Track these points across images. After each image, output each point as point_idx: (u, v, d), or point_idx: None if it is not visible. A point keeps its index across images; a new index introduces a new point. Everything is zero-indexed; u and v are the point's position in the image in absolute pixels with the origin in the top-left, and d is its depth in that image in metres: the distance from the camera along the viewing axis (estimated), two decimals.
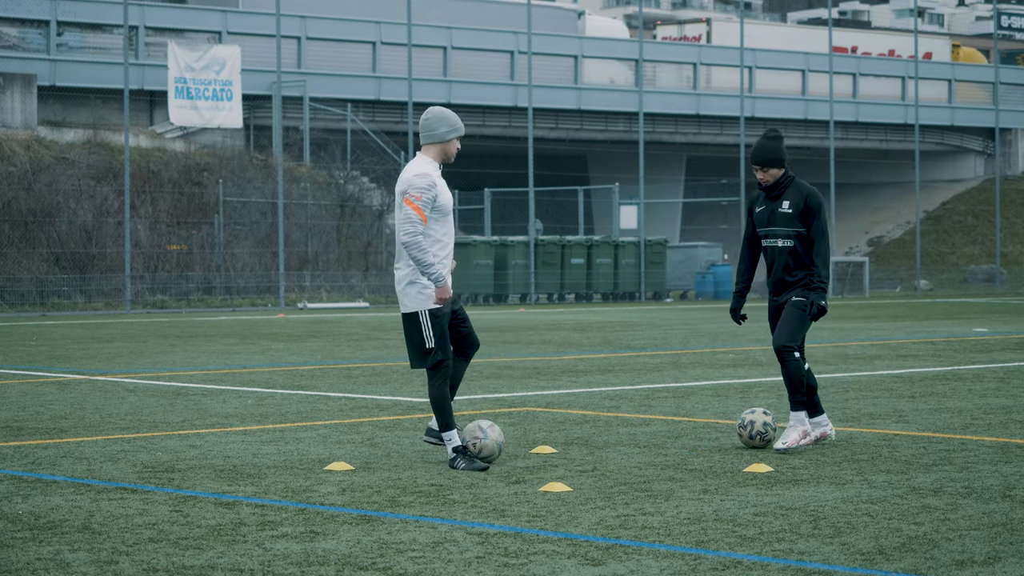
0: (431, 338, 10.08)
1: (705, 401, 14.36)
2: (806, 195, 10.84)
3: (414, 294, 10.09)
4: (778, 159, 10.82)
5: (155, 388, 16.05)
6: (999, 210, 60.83)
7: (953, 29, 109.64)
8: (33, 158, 43.10)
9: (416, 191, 9.99)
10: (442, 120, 10.29)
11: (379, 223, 48.64)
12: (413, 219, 9.95)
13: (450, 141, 10.33)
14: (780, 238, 10.86)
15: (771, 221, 10.90)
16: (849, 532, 7.61)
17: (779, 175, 10.87)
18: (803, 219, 10.80)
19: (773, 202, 10.91)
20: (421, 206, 9.97)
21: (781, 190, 10.89)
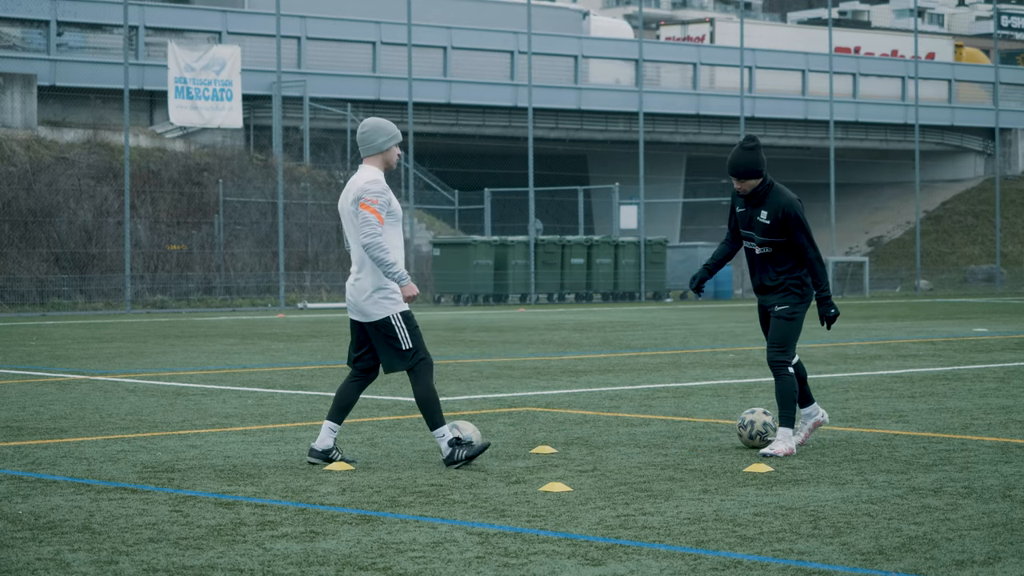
0: (407, 339, 10.11)
1: (705, 401, 14.36)
2: (783, 206, 10.66)
3: (381, 300, 10.11)
4: (755, 170, 10.65)
5: (155, 388, 16.05)
6: (999, 210, 60.83)
7: (953, 29, 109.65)
8: (33, 158, 43.10)
9: (372, 195, 10.05)
10: (378, 131, 10.27)
11: None
12: (371, 221, 10.00)
13: (390, 150, 10.29)
14: (757, 245, 10.77)
15: (750, 226, 10.80)
16: (849, 532, 7.61)
17: (756, 184, 10.71)
18: (781, 230, 10.65)
19: (752, 208, 10.78)
20: (378, 209, 10.03)
21: (760, 199, 10.73)
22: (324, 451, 10.13)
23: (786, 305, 10.71)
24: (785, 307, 10.72)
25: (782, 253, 10.71)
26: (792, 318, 10.71)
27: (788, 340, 10.72)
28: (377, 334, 10.16)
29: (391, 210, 10.12)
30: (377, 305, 10.12)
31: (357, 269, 10.19)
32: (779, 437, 10.56)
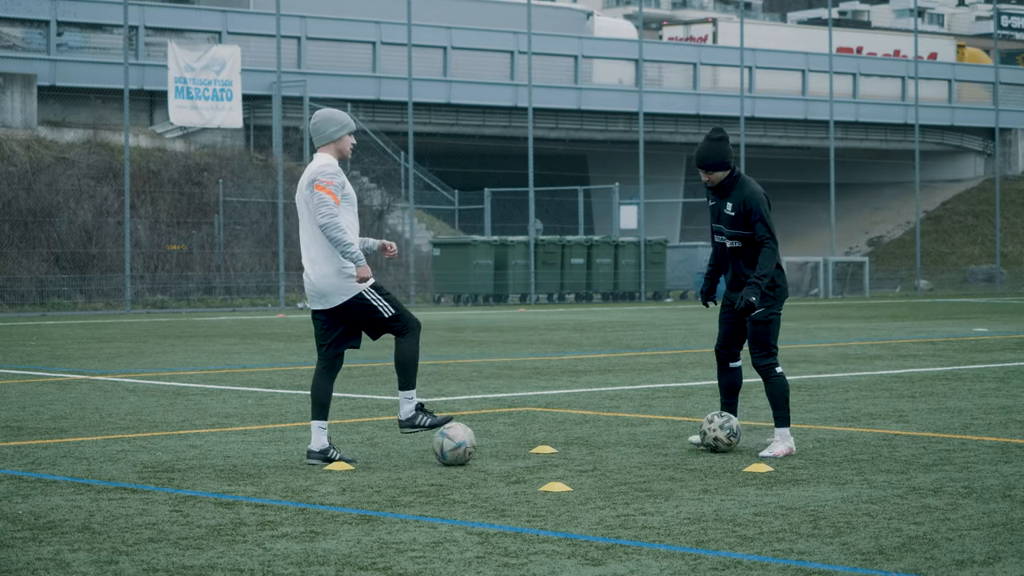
0: (387, 307, 10.17)
1: (705, 401, 14.36)
2: (746, 195, 10.56)
3: (347, 280, 10.14)
4: (722, 161, 10.55)
5: (155, 388, 16.05)
6: (999, 210, 60.84)
7: (953, 29, 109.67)
8: (33, 158, 43.11)
9: (327, 177, 10.10)
10: (329, 121, 10.31)
11: (379, 223, 48.65)
12: (328, 202, 10.05)
13: (342, 139, 10.31)
14: (727, 238, 10.69)
15: (719, 219, 10.75)
16: (849, 532, 7.61)
17: (724, 177, 10.62)
18: (744, 221, 10.57)
19: (721, 201, 10.71)
20: (333, 190, 10.07)
21: (726, 191, 10.66)
22: (322, 451, 10.14)
23: (762, 308, 10.55)
24: (761, 310, 10.55)
25: (751, 248, 10.58)
26: (770, 320, 10.58)
27: (770, 343, 10.59)
28: (355, 313, 10.18)
29: (345, 193, 10.16)
30: (344, 286, 10.14)
31: (314, 258, 10.18)
32: (777, 438, 10.50)
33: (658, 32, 78.58)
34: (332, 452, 10.15)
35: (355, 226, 10.23)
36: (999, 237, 60.23)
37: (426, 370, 18.47)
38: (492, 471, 9.79)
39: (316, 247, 10.17)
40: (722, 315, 10.84)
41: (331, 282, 10.15)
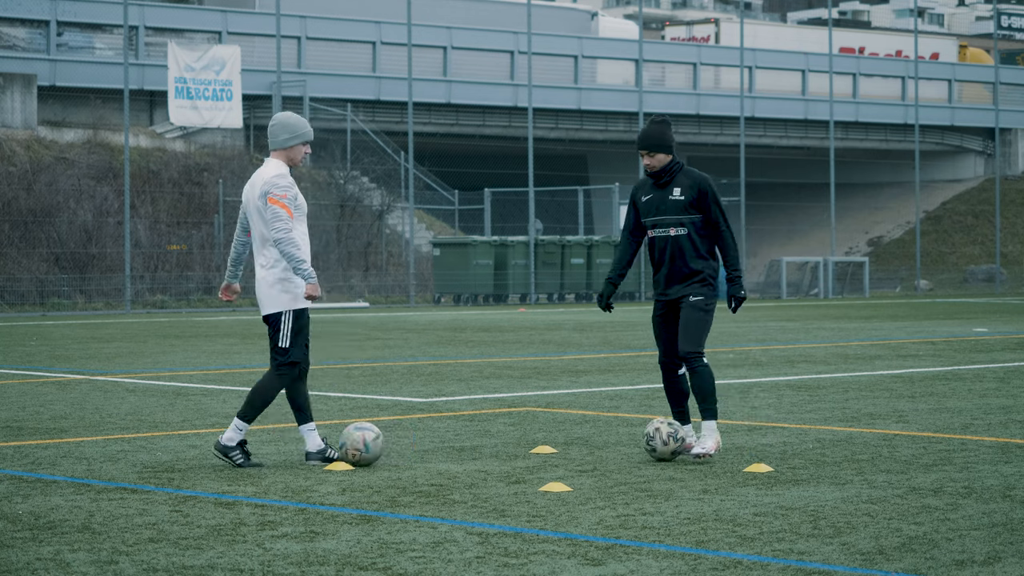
0: (287, 337, 10.14)
1: None
2: (699, 180, 10.35)
3: (281, 294, 10.12)
4: (665, 144, 10.33)
5: (155, 388, 16.05)
6: (999, 210, 60.84)
7: (953, 29, 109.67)
8: (33, 158, 43.11)
9: (280, 190, 10.05)
10: (283, 127, 10.24)
11: (379, 223, 48.65)
12: (282, 216, 10.01)
13: (293, 147, 10.23)
14: (672, 227, 10.33)
15: (660, 210, 10.37)
16: (849, 532, 7.61)
17: (667, 161, 10.36)
18: (698, 206, 10.30)
19: (662, 190, 10.38)
20: (287, 204, 10.03)
21: (670, 176, 10.38)
22: (319, 451, 10.14)
23: (701, 296, 10.30)
24: (700, 298, 10.30)
25: (699, 235, 10.31)
26: (707, 309, 10.30)
27: (702, 331, 10.29)
28: (266, 325, 10.19)
29: (298, 204, 10.12)
30: (275, 298, 10.13)
31: (264, 262, 10.16)
32: (705, 432, 10.24)
33: (660, 32, 78.61)
34: (330, 452, 10.15)
35: (306, 236, 10.20)
36: (999, 237, 60.23)
37: (426, 370, 18.47)
38: (492, 471, 9.79)
39: (261, 255, 10.15)
40: (659, 323, 10.50)
41: (264, 292, 10.17)
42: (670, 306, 10.42)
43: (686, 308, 10.32)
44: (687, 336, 10.28)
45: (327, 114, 50.81)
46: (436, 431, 12.00)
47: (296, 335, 10.14)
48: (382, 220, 48.82)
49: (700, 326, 10.29)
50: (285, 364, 10.18)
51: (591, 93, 56.92)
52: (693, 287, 10.33)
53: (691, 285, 10.34)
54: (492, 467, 9.97)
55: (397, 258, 48.84)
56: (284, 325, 10.13)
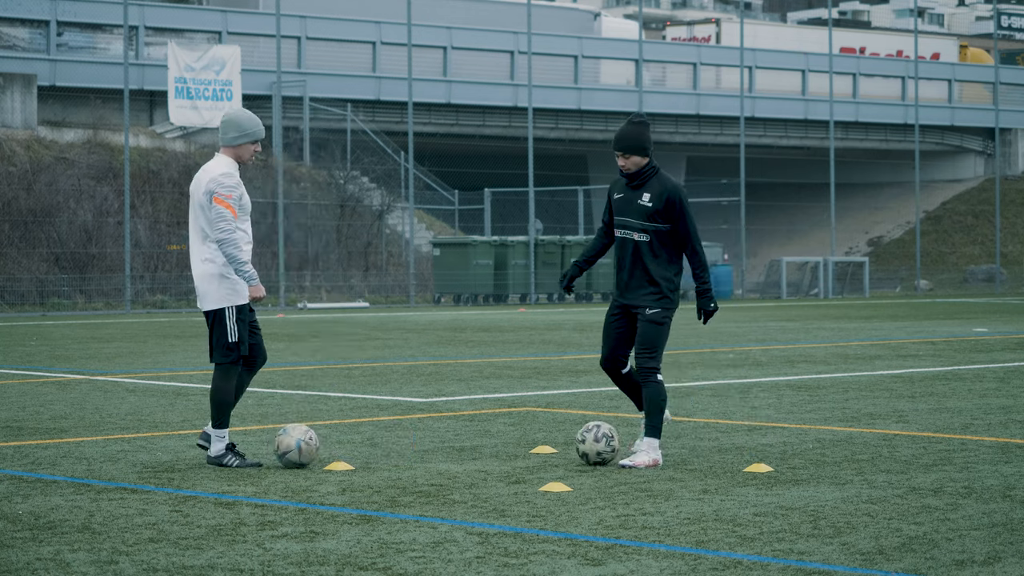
0: (234, 332, 10.07)
1: (705, 401, 14.36)
2: (669, 189, 10.03)
3: (221, 289, 10.04)
4: (641, 146, 10.06)
5: (155, 388, 16.05)
6: (999, 210, 60.85)
7: (953, 29, 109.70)
8: (33, 158, 43.11)
9: (225, 189, 10.01)
10: (232, 125, 10.24)
11: (379, 223, 48.65)
12: (227, 217, 9.96)
13: (242, 146, 10.21)
14: (636, 231, 10.07)
15: (627, 212, 10.12)
16: (849, 532, 7.61)
17: (642, 163, 10.10)
18: (665, 215, 10.02)
19: (633, 192, 10.13)
20: (232, 204, 9.99)
21: (643, 180, 10.11)
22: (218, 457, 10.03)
23: (658, 309, 10.05)
24: (657, 311, 10.04)
25: (662, 244, 10.05)
26: (663, 323, 10.05)
27: (658, 346, 10.05)
28: (209, 322, 10.14)
29: (242, 204, 10.08)
30: (215, 294, 10.06)
31: (197, 259, 10.12)
32: (644, 447, 10.00)
33: (661, 32, 78.64)
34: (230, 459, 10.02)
35: (249, 235, 10.16)
36: (999, 237, 60.23)
37: (426, 370, 18.48)
38: (492, 471, 9.79)
39: (199, 251, 10.10)
40: (611, 323, 10.22)
41: (204, 287, 10.10)
42: (625, 311, 10.18)
43: (643, 322, 10.07)
44: (645, 351, 10.04)
45: (327, 114, 50.82)
46: (436, 431, 12.00)
47: (242, 331, 10.09)
48: (382, 220, 48.83)
49: (658, 341, 10.05)
50: (228, 361, 10.09)
51: (591, 93, 56.93)
52: (650, 299, 10.07)
53: (648, 296, 10.08)
54: (492, 467, 9.97)
55: (397, 258, 48.84)
56: (228, 320, 10.06)
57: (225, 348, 10.08)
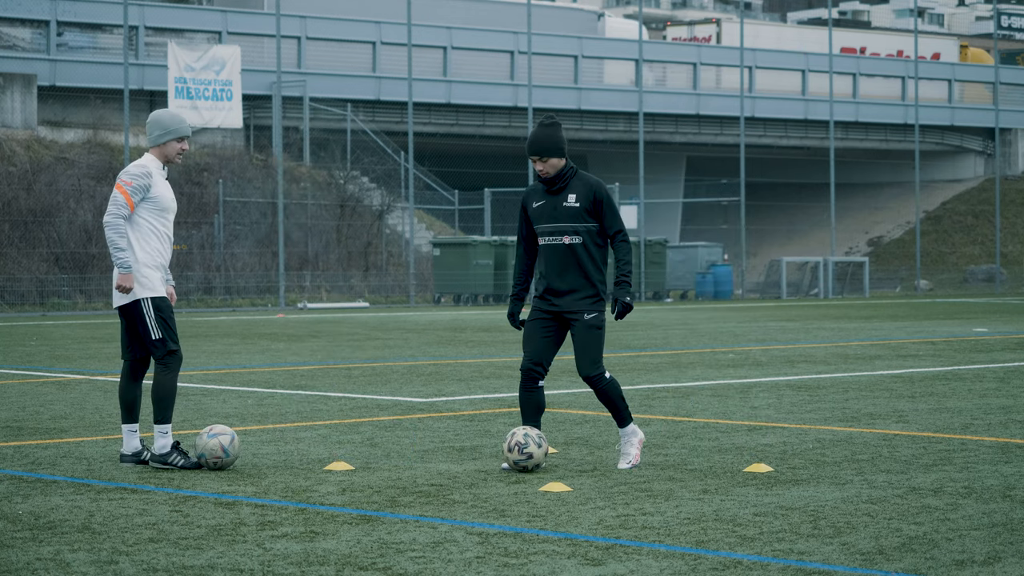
0: (156, 329, 9.97)
1: (705, 401, 14.36)
2: (594, 187, 9.83)
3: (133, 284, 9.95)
4: (557, 147, 9.86)
5: None
6: (999, 210, 60.85)
7: (953, 29, 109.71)
8: (33, 158, 43.12)
9: (128, 176, 9.98)
10: (155, 125, 10.13)
11: (379, 223, 48.64)
12: (119, 201, 9.93)
13: (167, 144, 10.11)
14: (566, 235, 9.80)
15: (554, 216, 9.83)
16: (849, 532, 7.61)
17: (560, 166, 9.86)
18: (594, 213, 9.81)
19: (555, 196, 9.85)
20: (130, 192, 9.91)
21: (564, 182, 9.86)
22: (135, 453, 10.06)
23: (595, 313, 9.84)
24: (595, 315, 9.84)
25: (594, 243, 9.85)
26: (602, 327, 9.87)
27: (600, 350, 9.85)
28: (131, 320, 10.04)
29: (151, 197, 9.97)
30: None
31: None
32: (626, 438, 9.91)
33: (662, 32, 78.67)
34: (145, 453, 10.02)
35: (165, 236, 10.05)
36: (999, 237, 60.24)
37: (426, 370, 18.48)
38: (492, 471, 9.79)
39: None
40: (539, 329, 9.90)
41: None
42: (556, 316, 9.89)
43: (582, 328, 9.81)
44: (587, 358, 9.79)
45: (327, 114, 50.82)
46: (436, 431, 12.00)
47: (164, 325, 9.97)
48: (382, 220, 48.82)
49: (598, 345, 9.83)
50: (165, 355, 10.00)
51: (591, 93, 56.93)
52: (587, 303, 9.83)
53: (585, 300, 9.83)
54: (492, 467, 9.97)
55: (397, 258, 48.85)
56: (146, 315, 9.96)
57: (151, 345, 9.98)
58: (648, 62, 58.61)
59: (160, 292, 10.01)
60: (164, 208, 10.04)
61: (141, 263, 9.99)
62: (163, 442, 9.92)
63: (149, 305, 9.98)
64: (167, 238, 10.13)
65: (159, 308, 10.00)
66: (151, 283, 10.00)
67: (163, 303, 10.02)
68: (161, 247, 10.09)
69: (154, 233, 10.03)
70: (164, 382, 10.00)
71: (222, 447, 9.85)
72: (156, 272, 10.06)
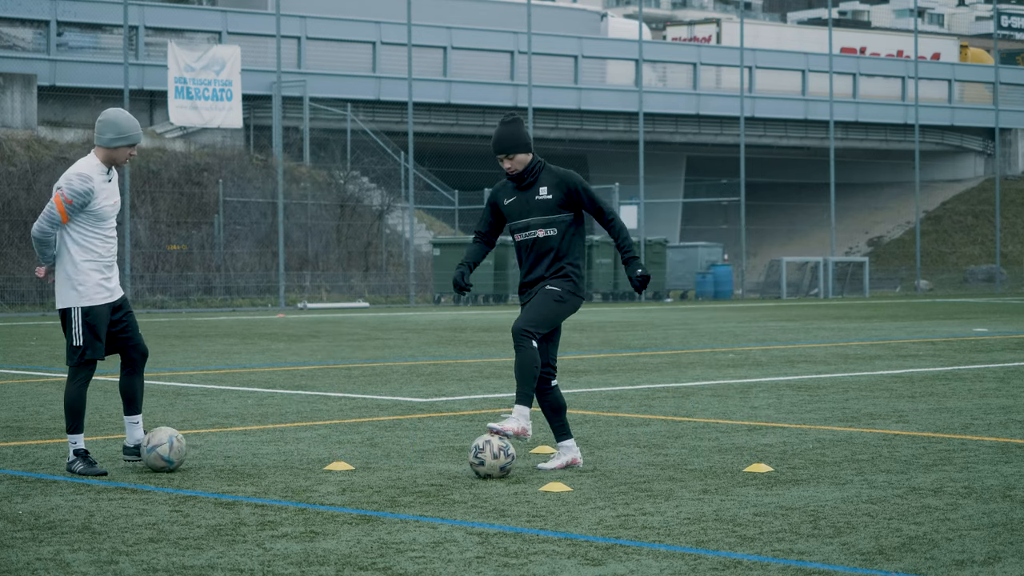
0: (79, 335, 9.78)
1: (705, 401, 14.36)
2: (563, 176, 9.80)
3: (68, 290, 9.79)
4: (523, 143, 9.76)
5: (155, 388, 16.04)
6: (999, 210, 60.85)
7: (953, 29, 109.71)
8: (33, 158, 43.12)
9: (69, 192, 9.68)
10: (109, 126, 9.80)
11: (379, 223, 48.65)
12: (54, 218, 9.68)
13: (117, 148, 9.81)
14: (540, 227, 9.77)
15: (526, 212, 9.81)
16: (849, 532, 7.61)
17: (527, 161, 9.80)
18: (568, 203, 9.77)
19: (526, 191, 9.83)
20: (68, 209, 9.67)
21: (534, 177, 9.83)
22: (136, 446, 10.02)
23: (557, 288, 9.71)
24: (556, 289, 9.71)
25: (569, 234, 9.80)
26: (560, 300, 9.68)
27: (545, 319, 9.64)
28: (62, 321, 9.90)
29: (92, 210, 9.73)
30: (62, 294, 9.83)
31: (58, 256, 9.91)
32: (514, 415, 9.70)
33: (662, 32, 78.71)
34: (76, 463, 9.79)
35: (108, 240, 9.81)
36: (999, 237, 60.24)
37: (426, 370, 18.48)
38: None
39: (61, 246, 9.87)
40: None
41: (58, 288, 9.87)
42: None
43: (539, 292, 9.73)
44: (527, 315, 9.66)
45: (327, 114, 50.82)
46: (436, 431, 12.00)
47: (88, 334, 9.78)
48: (382, 220, 48.83)
49: (545, 311, 9.65)
50: (79, 364, 9.82)
51: (591, 93, 56.94)
52: (551, 279, 9.74)
53: (550, 277, 9.75)
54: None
55: (397, 258, 48.85)
56: (74, 323, 9.79)
57: (71, 350, 9.82)
58: (648, 62, 58.62)
59: (94, 301, 9.78)
60: (104, 217, 9.79)
61: (80, 269, 9.77)
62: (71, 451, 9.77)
63: (79, 313, 9.77)
64: (109, 238, 9.88)
65: (86, 315, 9.78)
66: (82, 292, 9.77)
67: (91, 311, 9.78)
68: (107, 249, 9.85)
69: (99, 237, 9.80)
70: (72, 390, 9.83)
71: (162, 458, 9.74)
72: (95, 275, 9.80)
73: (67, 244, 9.80)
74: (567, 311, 9.76)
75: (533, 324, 9.62)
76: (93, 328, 9.80)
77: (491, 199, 10.04)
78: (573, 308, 9.80)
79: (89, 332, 9.80)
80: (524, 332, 9.60)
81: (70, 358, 9.85)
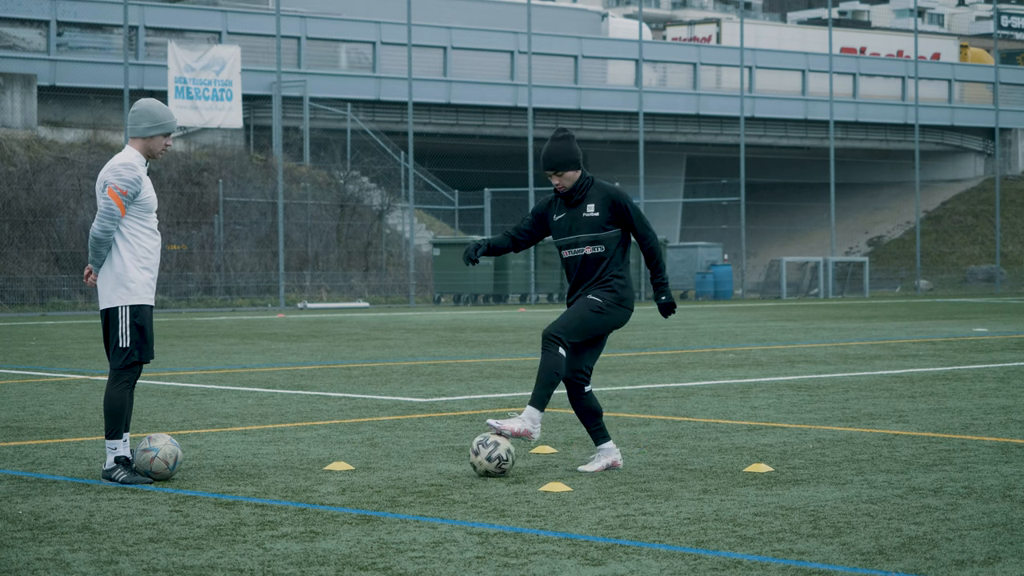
0: (127, 336, 9.53)
1: (705, 401, 14.36)
2: (612, 195, 9.69)
3: (118, 288, 9.56)
4: (572, 160, 9.67)
5: (155, 388, 16.04)
6: (999, 210, 60.86)
7: (953, 29, 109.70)
8: (33, 158, 43.12)
9: (121, 183, 9.51)
10: (144, 115, 9.67)
11: (379, 223, 48.65)
12: (114, 214, 9.48)
13: (153, 138, 9.66)
14: (587, 245, 9.69)
15: (574, 229, 9.71)
16: (849, 532, 7.61)
17: (576, 178, 9.71)
18: (615, 220, 9.68)
19: (575, 208, 9.73)
20: (124, 201, 9.50)
21: (582, 194, 9.72)
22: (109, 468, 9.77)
23: (599, 298, 9.62)
24: (597, 299, 9.62)
25: (614, 250, 9.70)
26: (599, 311, 9.59)
27: (577, 327, 9.57)
28: (107, 324, 9.65)
29: (141, 200, 9.56)
30: (108, 294, 9.60)
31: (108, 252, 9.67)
32: (522, 415, 9.61)
33: (662, 32, 78.73)
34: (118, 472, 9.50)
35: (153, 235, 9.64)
36: (999, 237, 60.24)
37: (426, 370, 18.48)
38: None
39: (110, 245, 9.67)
40: None
41: (103, 288, 9.63)
42: None
43: (580, 299, 9.66)
44: (560, 319, 9.61)
45: (327, 114, 50.82)
46: (436, 431, 11.99)
47: (136, 336, 9.53)
48: (382, 220, 48.83)
49: (578, 319, 9.58)
50: (125, 366, 9.54)
51: (591, 93, 56.94)
52: (594, 289, 9.67)
53: (593, 287, 9.69)
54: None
55: (397, 258, 48.85)
56: (121, 322, 9.52)
57: (117, 352, 9.54)
58: (648, 62, 58.62)
59: (142, 300, 9.56)
60: (151, 209, 9.66)
61: (128, 267, 9.57)
62: (110, 457, 9.46)
63: (127, 312, 9.54)
64: (155, 233, 9.74)
65: (135, 315, 9.55)
66: (131, 288, 9.56)
67: (140, 311, 9.56)
68: (154, 246, 9.70)
69: (145, 233, 9.62)
70: (112, 394, 9.53)
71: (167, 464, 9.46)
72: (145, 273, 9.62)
73: (116, 242, 9.59)
74: (607, 322, 9.67)
75: (564, 331, 9.55)
76: (141, 329, 9.55)
77: (539, 210, 9.93)
78: (616, 320, 9.69)
79: (137, 332, 9.54)
80: (552, 336, 9.53)
81: (115, 360, 9.54)
